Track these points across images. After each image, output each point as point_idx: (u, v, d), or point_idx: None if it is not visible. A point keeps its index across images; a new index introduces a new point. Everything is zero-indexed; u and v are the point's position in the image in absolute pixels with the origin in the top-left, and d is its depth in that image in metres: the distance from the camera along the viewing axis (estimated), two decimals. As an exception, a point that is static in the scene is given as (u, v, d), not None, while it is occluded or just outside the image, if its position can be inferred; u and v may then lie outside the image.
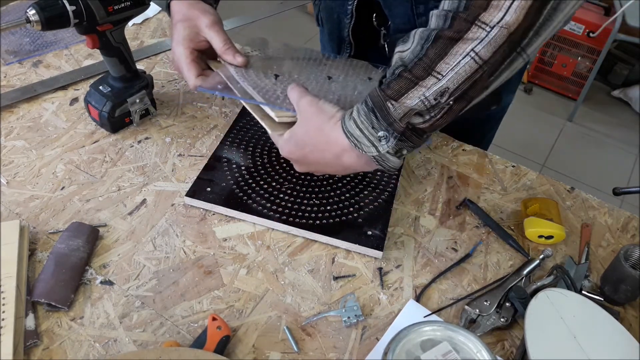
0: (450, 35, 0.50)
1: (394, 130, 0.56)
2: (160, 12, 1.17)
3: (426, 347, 0.57)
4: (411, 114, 0.55)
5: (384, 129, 0.56)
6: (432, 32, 0.52)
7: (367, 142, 0.57)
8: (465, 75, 0.51)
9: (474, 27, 0.49)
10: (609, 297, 0.68)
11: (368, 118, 0.57)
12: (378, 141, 0.57)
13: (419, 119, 0.56)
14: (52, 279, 0.64)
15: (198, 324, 0.64)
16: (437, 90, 0.52)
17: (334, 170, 0.65)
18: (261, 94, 0.67)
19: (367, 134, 0.57)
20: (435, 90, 0.52)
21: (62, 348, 0.61)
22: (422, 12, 0.82)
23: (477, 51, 0.50)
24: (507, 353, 0.64)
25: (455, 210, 0.80)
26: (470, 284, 0.71)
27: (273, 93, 0.68)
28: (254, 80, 0.70)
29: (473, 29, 0.49)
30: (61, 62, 1.02)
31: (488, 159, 0.88)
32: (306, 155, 0.64)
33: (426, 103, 0.53)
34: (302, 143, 0.63)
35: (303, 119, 0.63)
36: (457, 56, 0.51)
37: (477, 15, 0.49)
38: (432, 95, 0.53)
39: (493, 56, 0.50)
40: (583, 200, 0.83)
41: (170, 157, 0.84)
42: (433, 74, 0.52)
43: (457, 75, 0.51)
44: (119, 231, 0.73)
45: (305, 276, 0.70)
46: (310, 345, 0.63)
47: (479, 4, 0.49)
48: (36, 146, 0.84)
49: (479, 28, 0.49)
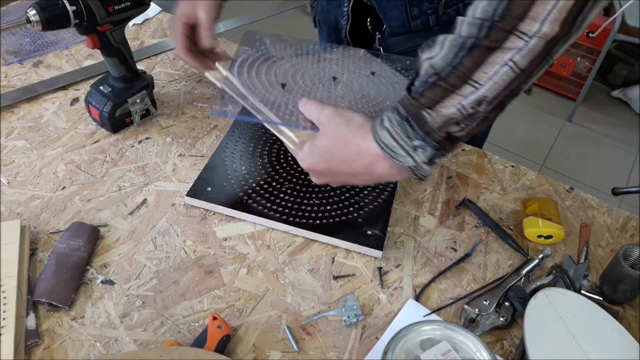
0: (488, 45, 0.50)
1: (432, 139, 0.55)
2: (161, 12, 1.17)
3: (426, 346, 0.57)
4: (450, 123, 0.54)
5: (421, 138, 0.55)
6: (467, 40, 0.51)
7: (402, 152, 0.56)
8: (503, 84, 0.51)
9: (512, 37, 0.49)
10: (608, 296, 0.69)
11: (402, 127, 0.55)
12: (414, 151, 0.56)
13: (455, 127, 0.55)
14: (53, 279, 0.64)
15: (198, 323, 0.64)
16: (474, 99, 0.52)
17: (363, 180, 0.63)
18: (274, 110, 0.65)
19: (403, 144, 0.56)
20: (473, 99, 0.52)
21: (63, 347, 0.61)
22: (416, 15, 0.82)
23: (515, 60, 0.50)
24: (507, 352, 0.64)
25: (454, 210, 0.80)
26: (470, 284, 0.71)
27: (286, 109, 0.66)
28: (261, 93, 0.68)
29: (511, 38, 0.49)
30: (62, 62, 1.02)
31: (487, 159, 0.89)
32: (332, 168, 0.62)
33: (463, 112, 0.53)
34: (328, 155, 0.61)
35: (327, 132, 0.61)
36: (495, 65, 0.51)
37: (515, 25, 0.49)
38: (470, 104, 0.53)
39: (529, 65, 0.51)
40: (582, 200, 0.83)
41: (171, 157, 0.84)
42: (470, 83, 0.52)
43: (495, 84, 0.51)
44: (120, 231, 0.73)
45: (305, 276, 0.70)
46: (310, 345, 0.63)
47: (516, 14, 0.49)
48: (37, 146, 0.85)
49: (517, 38, 0.49)
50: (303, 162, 0.64)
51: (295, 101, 0.67)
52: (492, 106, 0.53)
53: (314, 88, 0.72)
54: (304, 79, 0.74)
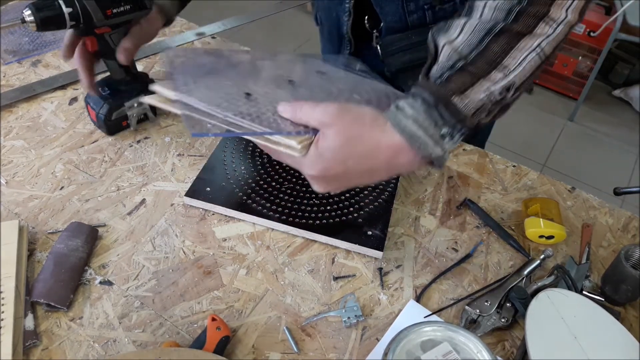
0: (519, 30, 0.51)
1: (463, 126, 0.53)
2: (160, 11, 1.16)
3: (426, 347, 0.57)
4: (482, 110, 0.53)
5: (451, 126, 0.53)
6: (495, 25, 0.51)
7: (430, 142, 0.53)
8: (530, 70, 0.52)
9: (542, 23, 0.50)
10: (609, 297, 0.68)
11: (430, 116, 0.53)
12: (442, 139, 0.53)
13: (484, 114, 0.54)
14: (51, 279, 0.64)
15: (197, 324, 0.64)
16: (504, 85, 0.52)
17: (379, 177, 0.58)
18: (256, 122, 0.57)
19: (432, 133, 0.53)
20: (503, 86, 0.52)
21: (61, 348, 0.61)
22: (412, 10, 0.82)
23: (543, 46, 0.51)
24: (508, 353, 0.64)
25: (455, 210, 0.80)
26: (471, 284, 0.70)
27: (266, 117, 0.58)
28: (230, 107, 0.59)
29: (541, 24, 0.50)
30: (60, 61, 1.01)
31: (489, 158, 0.88)
32: (349, 169, 0.56)
33: (492, 98, 0.52)
34: (343, 155, 0.55)
35: (337, 131, 0.55)
36: (523, 51, 0.51)
37: (546, 12, 0.50)
38: (498, 90, 0.52)
39: (553, 51, 0.52)
40: (584, 200, 0.83)
41: (170, 157, 0.84)
42: (499, 68, 0.52)
43: (524, 70, 0.52)
44: (118, 231, 0.73)
45: (305, 276, 0.70)
46: (310, 346, 0.63)
47: (544, 1, 0.50)
48: (35, 146, 0.84)
49: (546, 24, 0.51)
50: (312, 168, 0.57)
51: (269, 108, 0.59)
52: (518, 92, 0.53)
53: (278, 92, 0.64)
54: (261, 86, 0.65)
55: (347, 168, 0.56)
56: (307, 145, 0.57)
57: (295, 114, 0.57)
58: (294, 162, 0.59)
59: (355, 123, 0.55)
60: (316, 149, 0.56)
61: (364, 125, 0.55)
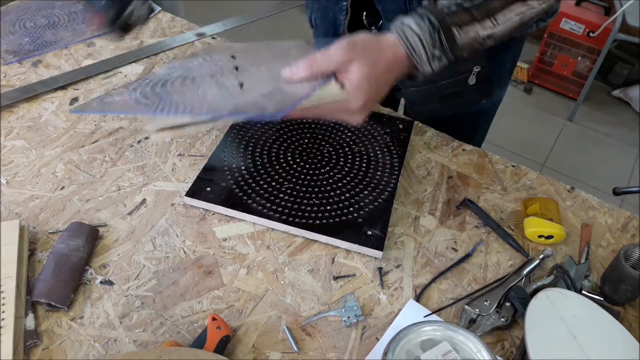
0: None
1: (452, 54, 0.63)
2: (160, 11, 1.17)
3: (426, 347, 0.57)
4: (468, 47, 0.63)
5: (443, 51, 0.62)
6: None
7: (425, 59, 0.63)
8: (510, 29, 0.65)
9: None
10: (609, 297, 0.68)
11: (432, 37, 0.62)
12: (433, 59, 0.63)
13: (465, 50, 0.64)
14: (51, 279, 0.64)
15: (198, 323, 0.64)
16: (488, 34, 0.64)
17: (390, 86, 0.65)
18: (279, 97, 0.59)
19: (429, 52, 0.62)
20: (488, 33, 0.64)
21: (62, 348, 0.61)
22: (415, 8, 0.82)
23: (526, 14, 0.65)
24: (507, 353, 0.64)
25: (455, 210, 0.80)
26: (470, 284, 0.71)
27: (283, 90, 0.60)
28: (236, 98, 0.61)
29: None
30: (61, 61, 1.02)
31: (488, 158, 0.88)
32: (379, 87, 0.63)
33: (477, 40, 0.64)
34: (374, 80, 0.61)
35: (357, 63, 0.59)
36: (513, 13, 0.64)
37: None
38: (483, 36, 0.64)
39: (529, 21, 0.66)
40: (583, 200, 0.83)
41: (170, 157, 0.84)
42: (491, 19, 0.64)
43: (506, 27, 0.65)
44: (119, 231, 0.73)
45: (305, 276, 0.70)
46: (310, 345, 0.63)
47: None
48: (36, 146, 0.84)
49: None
50: (358, 100, 0.61)
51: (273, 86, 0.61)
52: (494, 44, 0.65)
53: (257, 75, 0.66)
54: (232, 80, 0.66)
55: (379, 87, 0.63)
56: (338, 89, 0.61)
57: (312, 68, 0.60)
58: (340, 107, 0.63)
59: (369, 50, 0.61)
60: (351, 84, 0.60)
61: (375, 48, 0.62)
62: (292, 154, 0.83)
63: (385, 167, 0.82)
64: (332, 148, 0.85)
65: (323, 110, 0.63)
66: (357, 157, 0.84)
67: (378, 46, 0.62)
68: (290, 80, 0.61)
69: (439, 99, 0.83)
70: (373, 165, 0.83)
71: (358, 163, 0.83)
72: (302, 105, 0.59)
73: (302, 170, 0.81)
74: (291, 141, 0.85)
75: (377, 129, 0.89)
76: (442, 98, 0.83)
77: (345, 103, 0.62)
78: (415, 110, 0.85)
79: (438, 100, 0.84)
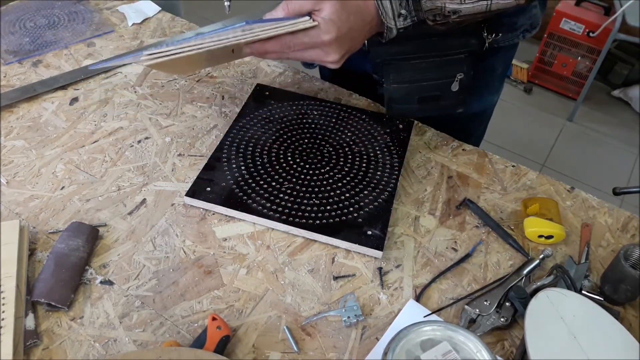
0: None
1: (415, 16, 0.69)
2: (160, 12, 1.17)
3: (426, 347, 0.57)
4: (432, 13, 0.69)
5: (409, 11, 0.68)
6: None
7: (390, 15, 0.68)
8: (474, 11, 0.69)
9: None
10: (609, 297, 0.68)
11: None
12: (398, 17, 0.68)
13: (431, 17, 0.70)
14: (52, 279, 0.64)
15: (198, 323, 0.64)
16: (454, 8, 0.69)
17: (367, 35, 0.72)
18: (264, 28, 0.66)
19: (394, 7, 0.67)
20: (453, 8, 0.69)
21: (62, 348, 0.61)
22: None
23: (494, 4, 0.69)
24: (507, 353, 0.64)
25: (455, 210, 0.80)
26: (470, 284, 0.71)
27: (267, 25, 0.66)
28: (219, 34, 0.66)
29: None
30: (61, 61, 1.02)
31: (488, 158, 0.88)
32: (352, 25, 0.68)
33: (442, 10, 0.69)
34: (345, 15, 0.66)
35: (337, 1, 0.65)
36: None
37: None
38: (449, 9, 0.69)
39: (496, 10, 0.70)
40: (583, 200, 0.83)
41: (170, 157, 0.84)
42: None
43: (472, 8, 0.69)
44: (119, 231, 0.73)
45: (305, 276, 0.70)
46: (310, 345, 0.63)
47: None
48: (36, 146, 0.84)
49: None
50: (328, 33, 0.66)
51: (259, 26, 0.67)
52: (458, 20, 0.70)
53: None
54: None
55: (351, 25, 0.68)
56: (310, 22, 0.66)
57: (288, 7, 0.67)
58: (312, 38, 0.67)
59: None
60: (322, 18, 0.66)
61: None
62: (292, 154, 0.83)
63: (385, 167, 0.82)
64: (332, 148, 0.85)
65: (297, 41, 0.68)
66: (357, 157, 0.84)
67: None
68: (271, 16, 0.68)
69: (419, 99, 0.83)
70: (373, 165, 0.83)
71: (358, 163, 0.83)
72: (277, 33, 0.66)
73: (302, 170, 0.81)
74: (291, 141, 0.85)
75: (377, 129, 0.89)
76: (422, 99, 0.83)
77: (317, 34, 0.67)
78: (394, 109, 0.85)
79: (417, 101, 0.83)
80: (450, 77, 0.82)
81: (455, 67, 0.81)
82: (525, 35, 0.90)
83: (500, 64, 0.96)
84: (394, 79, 0.81)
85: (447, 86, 0.83)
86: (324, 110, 0.92)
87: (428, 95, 0.83)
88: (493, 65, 0.95)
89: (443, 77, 0.82)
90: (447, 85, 0.83)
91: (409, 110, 0.86)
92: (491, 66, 0.94)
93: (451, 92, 0.83)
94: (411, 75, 0.82)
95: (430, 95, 0.83)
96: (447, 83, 0.82)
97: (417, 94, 0.83)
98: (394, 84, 0.82)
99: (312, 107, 0.92)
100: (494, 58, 0.93)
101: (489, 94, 0.99)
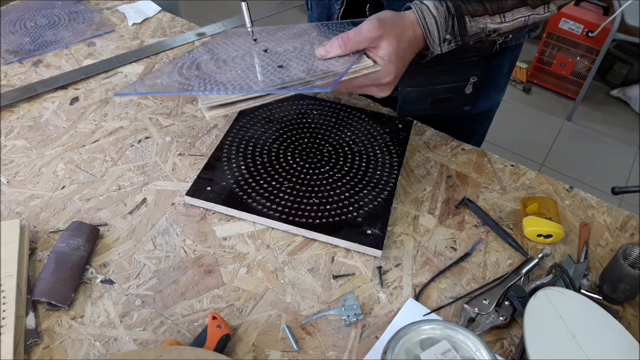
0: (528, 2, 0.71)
1: (461, 41, 0.70)
2: (160, 12, 1.17)
3: (425, 345, 0.57)
4: (476, 36, 0.70)
5: (454, 36, 0.69)
6: None
7: (437, 41, 0.70)
8: (513, 27, 0.72)
9: (542, 6, 0.71)
10: (607, 295, 0.69)
11: (446, 22, 0.68)
12: (443, 42, 0.70)
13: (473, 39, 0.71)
14: (52, 278, 0.64)
15: (198, 322, 0.64)
16: (495, 27, 0.71)
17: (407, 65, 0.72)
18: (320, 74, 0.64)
19: (441, 35, 0.69)
20: (494, 27, 0.71)
21: (62, 347, 0.61)
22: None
23: (530, 18, 0.71)
24: (506, 352, 0.64)
25: (454, 209, 0.80)
26: (470, 283, 0.71)
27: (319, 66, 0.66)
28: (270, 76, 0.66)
29: (541, 6, 0.71)
30: (61, 61, 1.02)
31: (487, 158, 0.89)
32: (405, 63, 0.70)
33: (484, 31, 0.71)
34: (401, 55, 0.68)
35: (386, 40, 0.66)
36: (520, 14, 0.71)
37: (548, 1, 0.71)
38: (490, 29, 0.71)
39: (531, 25, 0.73)
40: (582, 200, 0.83)
41: (171, 157, 0.84)
42: (501, 16, 0.70)
43: (511, 25, 0.71)
44: (120, 230, 0.73)
45: (305, 275, 0.70)
46: (310, 344, 0.63)
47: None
48: (36, 145, 0.84)
49: (542, 8, 0.72)
50: (388, 74, 0.68)
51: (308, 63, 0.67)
52: (497, 37, 0.73)
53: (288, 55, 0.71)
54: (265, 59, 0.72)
55: (404, 62, 0.70)
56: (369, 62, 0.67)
57: (346, 46, 0.66)
58: (372, 81, 0.68)
59: (395, 27, 0.67)
60: (382, 59, 0.67)
61: (399, 25, 0.68)
62: (292, 154, 0.83)
63: (384, 167, 0.82)
64: (332, 148, 0.85)
65: (356, 83, 0.68)
66: (356, 157, 0.84)
67: (402, 23, 0.68)
68: (323, 58, 0.68)
69: (431, 101, 0.85)
70: (372, 164, 0.83)
71: (357, 162, 0.83)
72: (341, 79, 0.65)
73: (302, 170, 0.81)
74: (291, 141, 0.86)
75: (377, 128, 0.89)
76: (434, 101, 0.85)
77: (377, 77, 0.68)
78: (405, 109, 0.87)
79: (430, 102, 0.85)
80: (464, 80, 0.83)
81: (469, 70, 0.83)
82: (530, 34, 0.91)
83: (507, 63, 0.96)
84: (408, 82, 0.82)
85: (460, 89, 0.84)
86: (324, 109, 0.92)
87: (441, 97, 0.85)
88: (501, 65, 0.95)
89: (457, 80, 0.83)
90: (461, 89, 0.84)
91: (420, 111, 0.88)
92: (499, 65, 0.95)
93: (464, 94, 0.85)
94: (425, 79, 0.82)
95: (443, 97, 0.85)
96: (461, 86, 0.84)
97: (431, 96, 0.84)
98: (408, 87, 0.83)
99: (311, 107, 0.92)
100: (501, 57, 0.93)
101: (495, 93, 0.99)
